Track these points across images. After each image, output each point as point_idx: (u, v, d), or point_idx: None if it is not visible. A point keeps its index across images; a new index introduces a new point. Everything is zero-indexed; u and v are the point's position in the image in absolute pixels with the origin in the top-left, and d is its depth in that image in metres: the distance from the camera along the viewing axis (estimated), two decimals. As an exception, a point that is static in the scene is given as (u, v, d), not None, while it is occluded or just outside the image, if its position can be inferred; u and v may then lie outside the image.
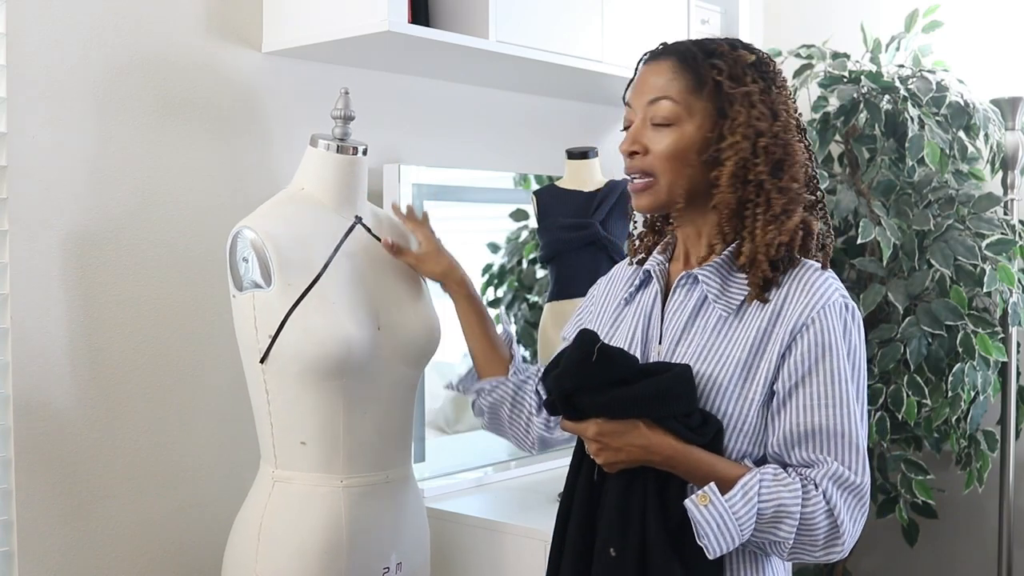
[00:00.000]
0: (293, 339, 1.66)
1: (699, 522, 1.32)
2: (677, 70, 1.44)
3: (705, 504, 1.32)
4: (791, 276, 1.42)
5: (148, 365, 2.02)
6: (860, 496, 1.37)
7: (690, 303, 1.46)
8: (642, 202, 1.48)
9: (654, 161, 1.44)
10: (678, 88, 1.43)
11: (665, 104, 1.43)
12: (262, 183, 2.14)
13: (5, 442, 1.85)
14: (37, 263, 1.87)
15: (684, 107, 1.43)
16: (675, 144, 1.43)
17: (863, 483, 1.37)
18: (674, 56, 1.46)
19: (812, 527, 1.35)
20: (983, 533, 3.08)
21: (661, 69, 1.46)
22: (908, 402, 2.71)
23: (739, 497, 1.33)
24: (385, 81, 2.39)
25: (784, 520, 1.34)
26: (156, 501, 2.03)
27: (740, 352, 1.40)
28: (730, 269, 1.44)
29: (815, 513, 1.35)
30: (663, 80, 1.45)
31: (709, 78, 1.43)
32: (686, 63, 1.44)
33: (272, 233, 1.68)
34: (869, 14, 3.12)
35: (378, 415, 1.75)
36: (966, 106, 2.78)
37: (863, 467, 1.38)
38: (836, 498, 1.35)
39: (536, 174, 2.69)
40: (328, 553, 1.70)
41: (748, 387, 1.39)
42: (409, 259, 1.84)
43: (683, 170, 1.44)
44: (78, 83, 1.92)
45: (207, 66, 2.09)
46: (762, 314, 1.41)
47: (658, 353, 1.46)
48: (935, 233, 2.73)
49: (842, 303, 1.41)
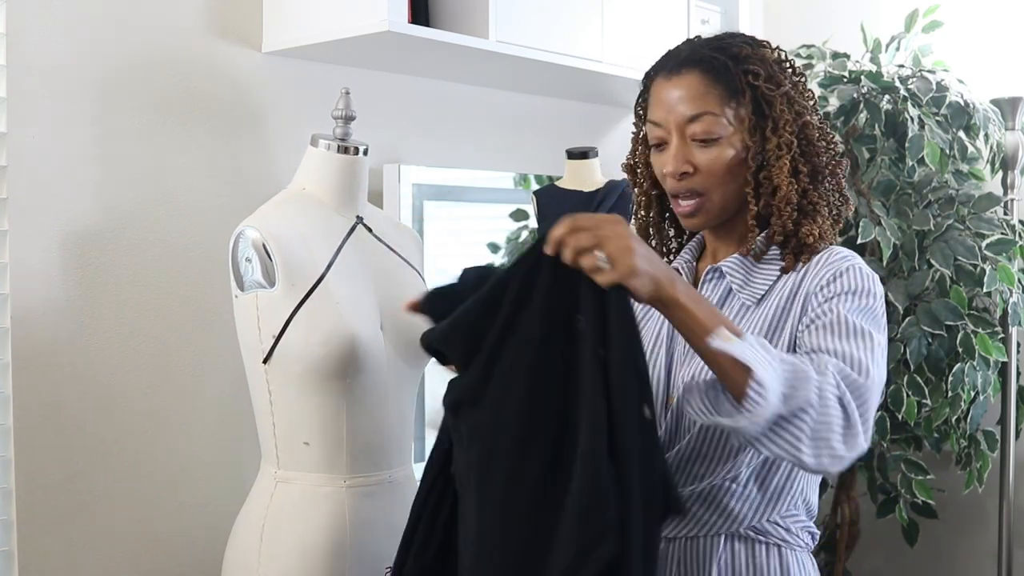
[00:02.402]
0: (297, 339, 1.66)
1: (736, 351, 1.17)
2: (708, 82, 1.41)
3: (729, 340, 1.19)
4: (816, 259, 1.42)
5: (148, 365, 2.02)
6: (862, 402, 1.25)
7: (715, 296, 1.47)
8: (696, 222, 1.45)
9: (705, 179, 1.42)
10: (715, 100, 1.40)
11: (707, 119, 1.40)
12: (262, 183, 2.14)
13: (5, 442, 1.85)
14: (37, 263, 1.87)
15: (725, 119, 1.40)
16: (725, 158, 1.41)
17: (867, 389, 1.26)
18: (698, 67, 1.42)
19: (827, 403, 1.22)
20: (983, 533, 3.08)
21: (690, 83, 1.41)
22: (908, 402, 2.71)
23: (755, 339, 1.22)
24: (385, 81, 2.39)
25: (804, 383, 1.21)
26: (156, 501, 2.03)
27: (757, 331, 1.40)
28: (754, 261, 1.45)
29: (826, 387, 1.22)
30: (697, 95, 1.41)
31: (744, 85, 1.41)
32: (716, 73, 1.41)
33: (275, 233, 1.68)
34: (869, 14, 3.12)
35: (380, 415, 1.76)
36: (966, 106, 2.78)
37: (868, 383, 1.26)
38: (843, 387, 1.24)
39: (536, 174, 2.69)
40: (331, 553, 1.70)
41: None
42: None
43: (733, 181, 1.43)
44: (78, 83, 1.92)
45: (207, 66, 2.09)
46: (782, 290, 1.41)
47: (684, 348, 1.45)
48: (935, 233, 2.73)
49: (864, 270, 1.39)
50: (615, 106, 2.89)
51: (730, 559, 1.42)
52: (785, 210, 1.42)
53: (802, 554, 1.46)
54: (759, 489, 1.43)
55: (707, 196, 1.43)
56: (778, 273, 1.44)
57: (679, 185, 1.43)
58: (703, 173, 1.41)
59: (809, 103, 1.46)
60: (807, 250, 1.43)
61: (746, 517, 1.42)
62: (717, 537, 1.43)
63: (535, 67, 2.35)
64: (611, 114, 2.91)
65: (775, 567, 1.42)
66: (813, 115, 1.46)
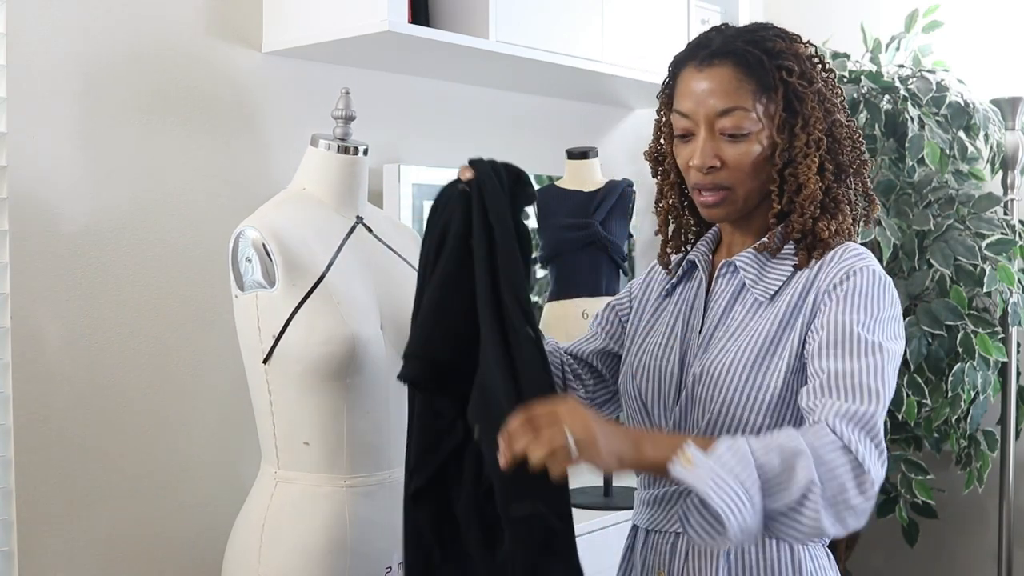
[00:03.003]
0: (297, 339, 1.66)
1: (695, 486, 1.16)
2: (741, 76, 1.38)
3: (688, 467, 1.17)
4: (830, 255, 1.41)
5: (148, 365, 2.02)
6: (870, 429, 1.24)
7: (729, 290, 1.46)
8: (717, 213, 1.43)
9: (731, 174, 1.40)
10: (747, 95, 1.38)
11: (738, 114, 1.37)
12: (262, 183, 2.14)
13: (5, 442, 1.85)
14: (37, 263, 1.87)
15: (756, 114, 1.38)
16: (753, 154, 1.39)
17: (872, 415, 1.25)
18: (730, 59, 1.39)
19: (830, 463, 1.20)
20: (983, 533, 3.08)
21: (723, 76, 1.38)
22: (908, 402, 2.71)
23: (726, 449, 1.20)
24: (385, 81, 2.39)
25: (797, 460, 1.19)
26: (156, 501, 2.03)
27: (768, 327, 1.39)
28: (769, 256, 1.44)
29: (824, 445, 1.21)
30: (729, 88, 1.38)
31: (778, 80, 1.39)
32: (749, 67, 1.39)
33: (275, 233, 1.68)
34: (869, 14, 3.12)
35: (380, 415, 1.75)
36: (966, 106, 2.78)
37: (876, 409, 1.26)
38: (844, 429, 1.23)
39: (536, 174, 2.69)
40: (331, 553, 1.70)
41: (774, 359, 1.37)
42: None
43: (758, 177, 1.41)
44: (78, 83, 1.92)
45: (207, 66, 2.09)
46: (795, 287, 1.40)
47: (699, 341, 1.45)
48: (935, 233, 2.73)
49: (877, 271, 1.38)
50: (615, 106, 2.90)
51: (739, 554, 1.40)
52: (808, 208, 1.40)
53: (815, 548, 1.43)
54: None
55: (732, 191, 1.41)
56: (791, 269, 1.42)
57: (705, 179, 1.41)
58: (730, 168, 1.39)
59: (839, 100, 1.44)
60: (821, 245, 1.41)
61: None
62: None
63: (535, 67, 2.35)
64: (611, 114, 2.91)
65: (786, 562, 1.40)
66: (842, 113, 1.44)
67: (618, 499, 2.40)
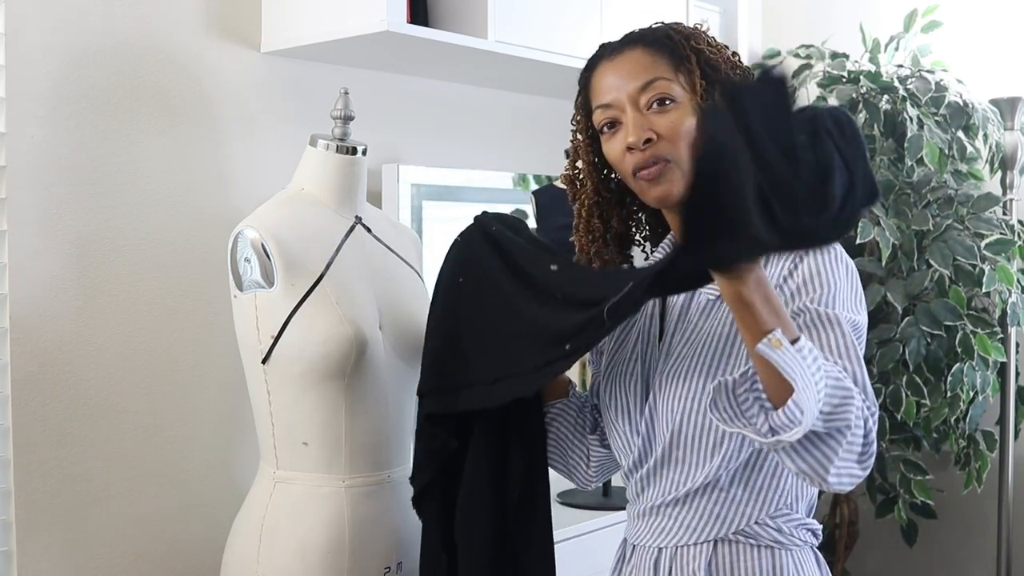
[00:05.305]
0: (296, 339, 1.66)
1: (781, 362, 1.11)
2: (653, 53, 1.39)
3: (778, 348, 1.12)
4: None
5: (148, 365, 2.02)
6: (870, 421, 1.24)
7: (683, 294, 1.44)
8: (659, 191, 1.38)
9: (668, 145, 1.37)
10: (665, 67, 1.39)
11: (660, 83, 1.37)
12: (261, 183, 2.14)
13: (5, 442, 1.85)
14: (37, 263, 1.87)
15: (679, 84, 1.38)
16: (686, 123, 1.37)
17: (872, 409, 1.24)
18: (639, 43, 1.41)
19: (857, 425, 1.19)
20: (982, 533, 3.08)
21: (635, 57, 1.40)
22: (907, 402, 2.71)
23: (807, 347, 1.15)
24: (384, 81, 2.39)
25: (847, 401, 1.18)
26: (156, 501, 2.03)
27: (721, 327, 1.37)
28: None
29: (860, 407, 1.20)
30: (646, 64, 1.39)
31: (688, 51, 1.40)
32: (659, 44, 1.40)
33: (274, 233, 1.68)
34: (868, 14, 3.12)
35: (380, 415, 1.75)
36: (965, 106, 2.78)
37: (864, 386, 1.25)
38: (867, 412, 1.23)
39: (535, 174, 2.69)
40: (330, 553, 1.70)
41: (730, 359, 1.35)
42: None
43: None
44: (78, 83, 1.92)
45: (206, 66, 2.09)
46: None
47: (660, 350, 1.44)
48: (934, 233, 2.73)
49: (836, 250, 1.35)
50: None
51: (721, 565, 1.39)
52: None
53: (801, 552, 1.41)
54: (744, 489, 1.39)
55: (671, 162, 1.36)
56: None
57: (643, 156, 1.37)
58: (665, 138, 1.37)
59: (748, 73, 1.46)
60: None
61: (733, 521, 1.39)
62: (707, 544, 1.39)
63: (534, 67, 2.35)
64: (610, 114, 2.90)
65: (767, 570, 1.38)
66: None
67: (617, 499, 2.40)
